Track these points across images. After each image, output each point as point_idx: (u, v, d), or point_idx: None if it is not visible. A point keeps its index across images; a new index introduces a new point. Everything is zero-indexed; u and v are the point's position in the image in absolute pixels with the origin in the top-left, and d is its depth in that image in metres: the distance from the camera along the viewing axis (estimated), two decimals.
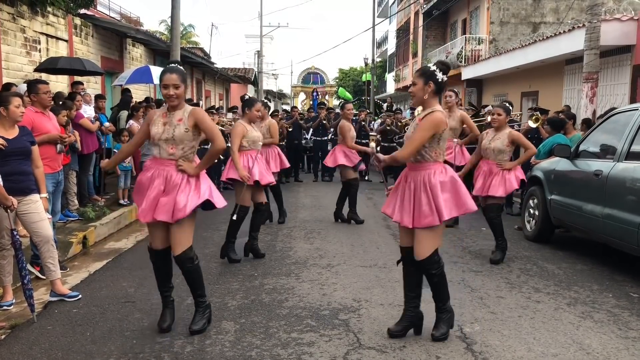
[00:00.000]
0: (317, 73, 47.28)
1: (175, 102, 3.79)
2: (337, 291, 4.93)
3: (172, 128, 3.78)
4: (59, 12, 10.31)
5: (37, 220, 4.47)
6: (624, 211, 5.23)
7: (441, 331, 3.86)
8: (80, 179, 7.79)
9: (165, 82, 3.75)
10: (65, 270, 5.46)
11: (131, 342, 3.82)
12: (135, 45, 14.55)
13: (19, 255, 4.16)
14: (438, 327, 3.88)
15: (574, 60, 12.48)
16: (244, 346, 3.74)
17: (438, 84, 3.72)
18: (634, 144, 5.41)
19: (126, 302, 4.61)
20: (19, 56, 9.06)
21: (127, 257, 6.17)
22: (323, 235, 7.24)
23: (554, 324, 4.19)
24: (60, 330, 4.03)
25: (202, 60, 19.22)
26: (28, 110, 5.33)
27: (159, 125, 3.83)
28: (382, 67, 39.59)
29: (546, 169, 6.93)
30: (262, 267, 5.68)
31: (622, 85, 11.38)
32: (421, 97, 3.76)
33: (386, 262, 5.87)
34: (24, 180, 4.45)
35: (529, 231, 7.08)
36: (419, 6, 25.56)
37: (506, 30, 18.84)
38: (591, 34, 10.08)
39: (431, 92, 3.72)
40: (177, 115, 3.81)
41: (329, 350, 3.68)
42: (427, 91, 3.72)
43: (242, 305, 4.52)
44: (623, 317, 4.34)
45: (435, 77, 3.70)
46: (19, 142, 4.45)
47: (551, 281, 5.29)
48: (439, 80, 3.71)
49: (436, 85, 3.71)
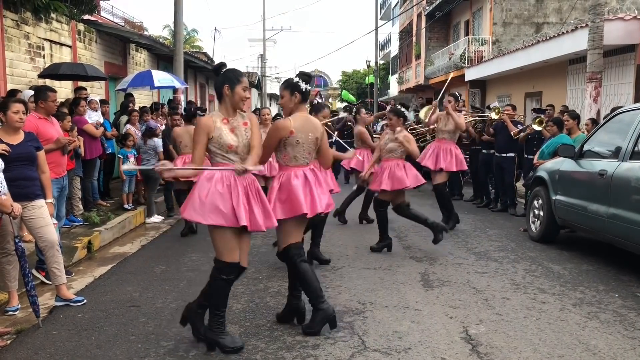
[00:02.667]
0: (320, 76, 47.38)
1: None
2: (341, 294, 4.92)
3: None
4: (62, 18, 10.35)
5: (42, 226, 4.48)
6: (629, 211, 5.21)
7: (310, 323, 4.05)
8: (84, 184, 7.81)
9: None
10: (71, 275, 5.48)
11: (136, 346, 3.82)
12: (138, 50, 14.60)
13: (22, 262, 4.16)
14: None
15: (578, 60, 12.45)
16: (249, 349, 3.74)
17: (303, 93, 4.02)
18: (638, 144, 5.39)
19: (131, 307, 4.62)
20: (23, 62, 9.10)
21: (132, 262, 6.18)
22: (327, 238, 7.22)
23: (559, 324, 4.17)
24: (66, 335, 4.04)
25: (206, 65, 19.27)
26: (31, 116, 5.36)
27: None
28: (385, 69, 39.62)
29: (550, 169, 6.90)
30: (266, 270, 5.68)
31: (626, 84, 11.35)
32: (289, 107, 4.07)
33: (390, 264, 5.86)
34: (29, 185, 4.46)
35: (534, 232, 7.06)
36: (421, 8, 25.56)
37: (509, 31, 18.82)
38: (594, 34, 10.06)
39: (297, 101, 4.03)
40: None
41: (333, 353, 3.67)
42: (293, 101, 4.04)
43: (247, 309, 4.52)
44: (629, 318, 4.32)
45: (299, 88, 4.00)
46: (24, 148, 4.46)
47: (557, 282, 5.26)
48: (303, 90, 4.01)
49: (302, 94, 4.01)
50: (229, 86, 3.67)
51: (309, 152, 4.09)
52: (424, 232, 7.00)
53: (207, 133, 3.61)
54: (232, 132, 3.66)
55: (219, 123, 3.64)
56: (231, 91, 3.66)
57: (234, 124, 3.69)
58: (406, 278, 5.37)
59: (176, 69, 13.38)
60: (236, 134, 3.67)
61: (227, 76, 3.70)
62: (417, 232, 7.36)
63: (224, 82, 3.68)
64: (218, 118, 3.67)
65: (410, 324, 4.19)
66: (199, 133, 3.62)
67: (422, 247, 6.65)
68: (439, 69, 22.36)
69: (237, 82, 3.67)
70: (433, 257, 6.16)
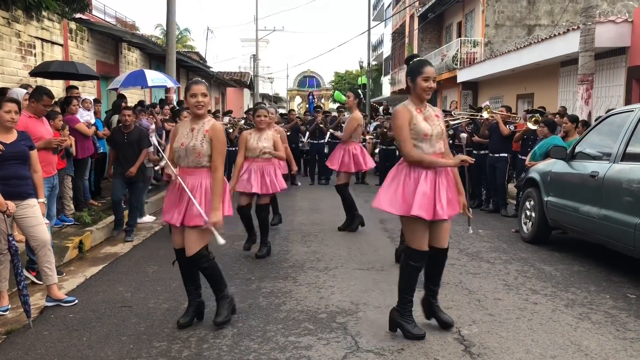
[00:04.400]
0: (313, 76, 47.39)
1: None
2: (334, 294, 4.91)
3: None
4: (54, 17, 10.28)
5: (34, 225, 4.45)
6: (620, 212, 5.24)
7: (223, 315, 4.11)
8: (75, 183, 7.76)
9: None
10: (62, 275, 5.44)
11: (128, 346, 3.80)
12: (130, 50, 14.53)
13: (15, 261, 4.13)
14: (220, 313, 4.13)
15: (569, 62, 12.53)
16: (242, 350, 3.72)
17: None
18: (629, 146, 5.42)
19: (122, 307, 4.59)
20: (14, 61, 9.03)
21: (123, 262, 6.14)
22: (320, 239, 7.23)
23: (551, 325, 4.19)
24: (57, 336, 4.00)
25: (198, 64, 19.23)
26: (22, 114, 5.31)
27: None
28: (377, 70, 39.67)
29: (542, 171, 6.94)
30: (259, 271, 5.67)
31: (617, 87, 11.43)
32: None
33: (383, 265, 5.86)
34: (22, 184, 4.43)
35: (526, 233, 7.09)
36: (414, 9, 25.64)
37: (501, 33, 18.91)
38: (586, 36, 10.12)
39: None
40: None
41: (326, 354, 3.67)
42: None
43: (240, 309, 4.50)
44: (620, 318, 4.34)
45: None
46: (17, 147, 4.43)
47: (548, 283, 5.29)
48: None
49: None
50: (411, 78, 3.84)
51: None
52: None
53: (408, 120, 3.78)
54: (426, 120, 3.81)
55: (414, 112, 3.80)
56: (413, 83, 3.82)
57: (426, 114, 3.85)
58: (397, 279, 5.36)
59: (168, 69, 13.35)
60: (429, 124, 3.81)
61: (410, 68, 3.88)
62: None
63: (407, 75, 3.88)
64: (412, 107, 3.84)
65: None
66: (401, 123, 3.80)
67: None
68: None
69: (418, 73, 3.80)
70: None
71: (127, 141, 7.26)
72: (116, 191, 7.28)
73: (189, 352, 3.70)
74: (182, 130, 4.08)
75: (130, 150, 7.28)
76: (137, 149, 7.33)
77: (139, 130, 7.52)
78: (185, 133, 4.03)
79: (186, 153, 3.99)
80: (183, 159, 4.03)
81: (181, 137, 4.04)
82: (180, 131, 4.09)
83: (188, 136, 4.00)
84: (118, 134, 7.43)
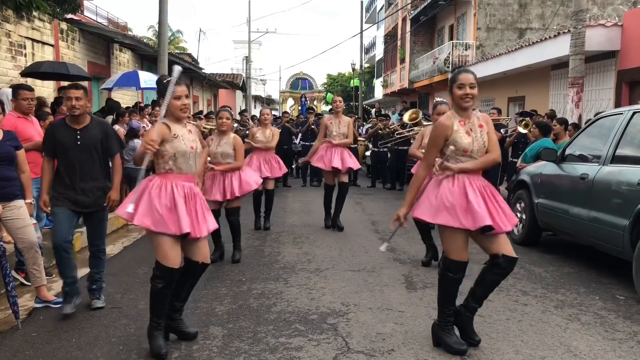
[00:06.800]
0: (305, 79, 47.27)
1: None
2: (325, 295, 4.91)
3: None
4: (44, 17, 10.23)
5: (21, 226, 4.41)
6: (609, 214, 5.27)
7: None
8: None
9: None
10: (51, 276, 5.39)
11: (117, 348, 3.77)
12: (122, 51, 14.48)
13: (3, 262, 4.09)
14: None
15: (560, 65, 12.60)
16: (232, 351, 3.71)
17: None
18: (619, 148, 5.46)
19: (112, 308, 4.56)
20: (4, 61, 8.97)
21: (113, 263, 6.10)
22: (311, 240, 7.22)
23: (541, 326, 4.21)
24: (45, 337, 3.97)
25: (190, 66, 19.16)
26: (10, 115, 5.28)
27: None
28: (370, 72, 39.72)
29: (533, 173, 6.97)
30: (250, 272, 5.65)
31: (607, 90, 11.51)
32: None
33: (374, 266, 5.87)
34: (8, 185, 4.38)
35: (516, 235, 7.11)
36: (406, 12, 25.70)
37: (493, 36, 18.99)
38: (576, 40, 10.20)
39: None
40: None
41: (317, 355, 3.66)
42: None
43: (230, 311, 4.49)
44: (609, 319, 4.37)
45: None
46: (2, 147, 4.37)
47: (538, 284, 5.31)
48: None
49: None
50: (449, 88, 3.71)
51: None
52: (408, 235, 7.03)
53: (445, 137, 3.61)
54: (468, 134, 3.64)
55: (456, 125, 3.63)
56: (451, 93, 3.69)
57: (470, 126, 3.67)
58: (390, 280, 5.38)
59: (160, 70, 13.27)
60: (471, 137, 3.64)
61: (450, 77, 3.76)
62: (401, 234, 7.36)
63: (448, 84, 3.76)
64: (456, 120, 3.66)
65: (394, 325, 4.19)
66: (434, 135, 3.68)
67: (406, 249, 6.67)
68: (424, 73, 22.50)
69: (452, 81, 3.68)
70: (417, 259, 6.18)
71: (81, 144, 4.33)
72: (61, 229, 4.27)
73: (179, 353, 3.69)
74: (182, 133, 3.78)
75: (85, 159, 4.34)
76: (99, 157, 4.42)
77: (99, 124, 4.52)
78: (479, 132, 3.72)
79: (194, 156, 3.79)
80: (183, 162, 3.74)
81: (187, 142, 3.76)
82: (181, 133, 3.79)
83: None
84: (63, 132, 4.33)
